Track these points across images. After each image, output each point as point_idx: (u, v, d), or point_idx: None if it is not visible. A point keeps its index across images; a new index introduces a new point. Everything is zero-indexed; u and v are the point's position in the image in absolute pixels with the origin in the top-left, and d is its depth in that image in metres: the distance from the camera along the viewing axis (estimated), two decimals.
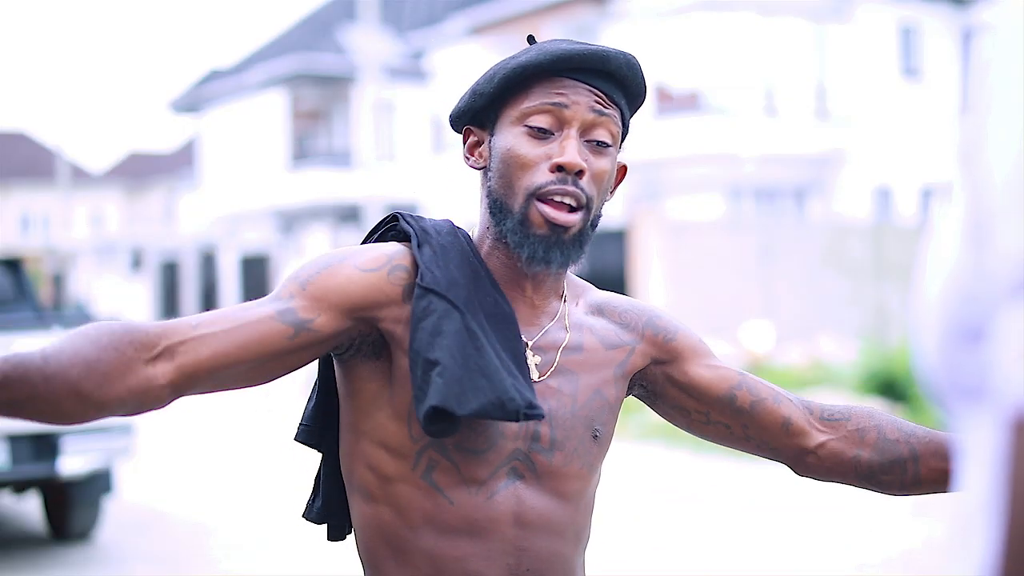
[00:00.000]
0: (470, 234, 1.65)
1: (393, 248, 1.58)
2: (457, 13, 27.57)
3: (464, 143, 1.64)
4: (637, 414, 11.53)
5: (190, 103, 35.00)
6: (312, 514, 1.71)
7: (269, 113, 31.52)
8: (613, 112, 1.59)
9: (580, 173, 1.54)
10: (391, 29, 27.76)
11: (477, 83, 1.61)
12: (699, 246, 18.30)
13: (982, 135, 0.64)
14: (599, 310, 1.70)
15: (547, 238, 1.54)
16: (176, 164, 47.08)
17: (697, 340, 1.74)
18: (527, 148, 1.55)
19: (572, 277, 1.72)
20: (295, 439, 1.70)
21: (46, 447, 6.49)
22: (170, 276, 30.63)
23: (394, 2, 31.06)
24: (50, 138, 50.05)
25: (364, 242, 1.66)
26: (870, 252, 18.60)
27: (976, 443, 0.65)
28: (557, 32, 25.20)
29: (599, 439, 1.63)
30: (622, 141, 1.63)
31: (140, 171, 50.40)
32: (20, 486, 6.89)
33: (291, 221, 31.62)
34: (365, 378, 1.56)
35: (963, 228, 0.65)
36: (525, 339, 1.60)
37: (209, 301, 28.79)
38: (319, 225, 30.38)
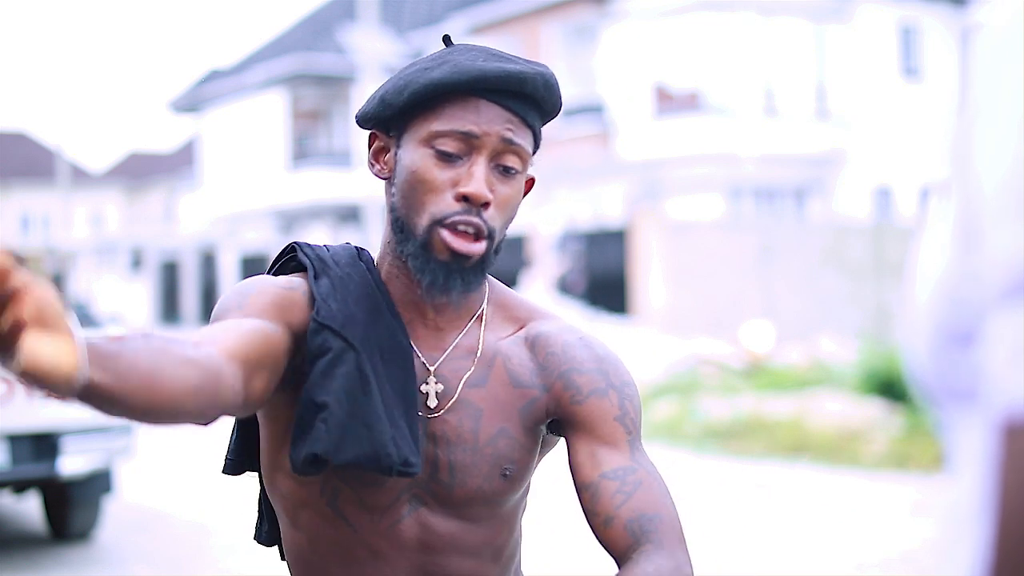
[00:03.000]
0: (373, 257, 1.61)
1: (296, 283, 1.55)
2: (457, 13, 27.57)
3: (369, 147, 1.59)
4: None
5: (190, 103, 35.01)
6: (262, 536, 1.71)
7: (269, 113, 31.53)
8: (526, 134, 1.53)
9: (486, 205, 1.48)
10: (391, 29, 27.76)
11: (386, 90, 1.54)
12: (699, 246, 18.30)
13: (972, 138, 0.64)
14: (531, 343, 1.60)
15: (447, 265, 1.49)
16: (176, 164, 47.09)
17: (605, 416, 1.54)
18: (433, 172, 1.49)
19: (517, 298, 1.66)
20: (223, 472, 1.69)
21: (46, 447, 6.49)
22: (170, 276, 30.64)
23: (394, 2, 31.06)
24: (50, 138, 50.08)
25: (270, 268, 1.64)
26: (870, 252, 18.60)
27: (967, 446, 0.65)
28: (557, 32, 25.21)
29: (510, 477, 1.56)
30: (533, 154, 1.57)
31: (140, 171, 50.40)
32: (20, 486, 6.89)
33: (291, 221, 31.63)
34: (281, 406, 1.53)
35: (954, 231, 0.65)
36: (427, 364, 1.56)
37: (209, 301, 28.80)
38: (319, 225, 30.40)
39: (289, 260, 1.62)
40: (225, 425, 1.61)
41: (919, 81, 24.68)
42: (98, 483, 6.91)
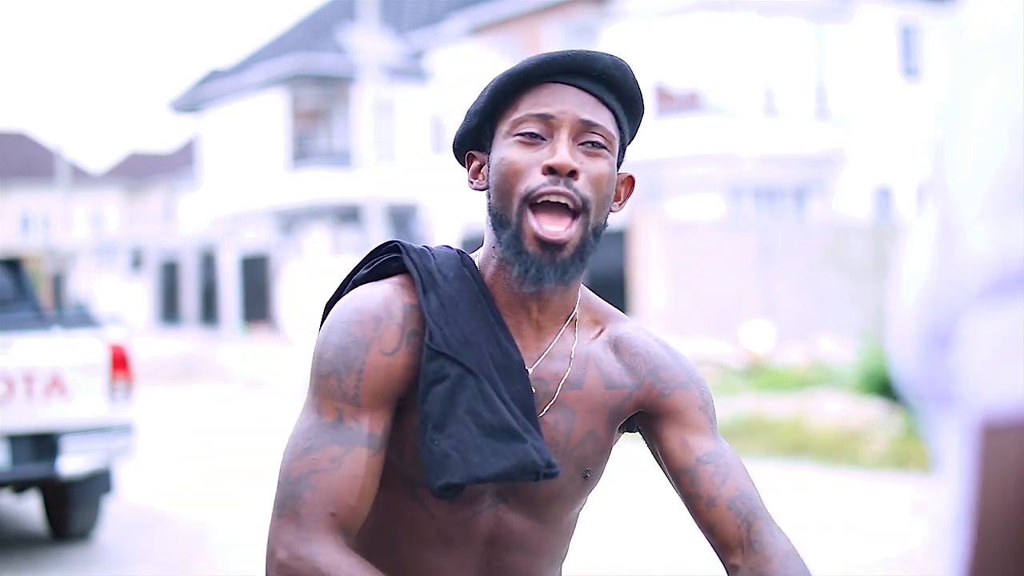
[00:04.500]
0: (475, 260, 1.61)
1: (397, 305, 1.53)
2: (457, 13, 27.57)
3: (468, 169, 1.62)
4: None
5: (190, 103, 35.01)
6: None
7: (269, 113, 31.53)
8: (605, 114, 1.55)
9: (573, 174, 1.50)
10: (391, 29, 27.76)
11: (471, 104, 1.59)
12: (699, 246, 18.30)
13: (952, 139, 0.64)
14: (615, 344, 1.65)
15: (539, 256, 1.50)
16: (176, 164, 47.09)
17: (692, 405, 1.64)
18: (518, 154, 1.52)
19: (596, 300, 1.69)
20: None
21: (46, 447, 6.49)
22: (170, 276, 30.63)
23: (394, 2, 31.06)
24: (50, 138, 50.04)
25: (359, 269, 1.62)
26: (870, 252, 18.60)
27: (950, 448, 0.65)
28: (557, 33, 25.19)
29: (588, 479, 1.62)
30: (623, 148, 1.60)
31: (140, 171, 50.41)
32: (20, 486, 6.89)
33: (291, 221, 31.63)
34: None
35: (936, 232, 0.65)
36: (530, 364, 1.57)
37: (209, 301, 28.80)
38: (319, 225, 30.40)
39: (389, 259, 1.60)
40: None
41: (919, 81, 24.68)
42: (98, 483, 6.91)
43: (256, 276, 27.00)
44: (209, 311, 28.79)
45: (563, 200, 1.50)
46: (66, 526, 7.05)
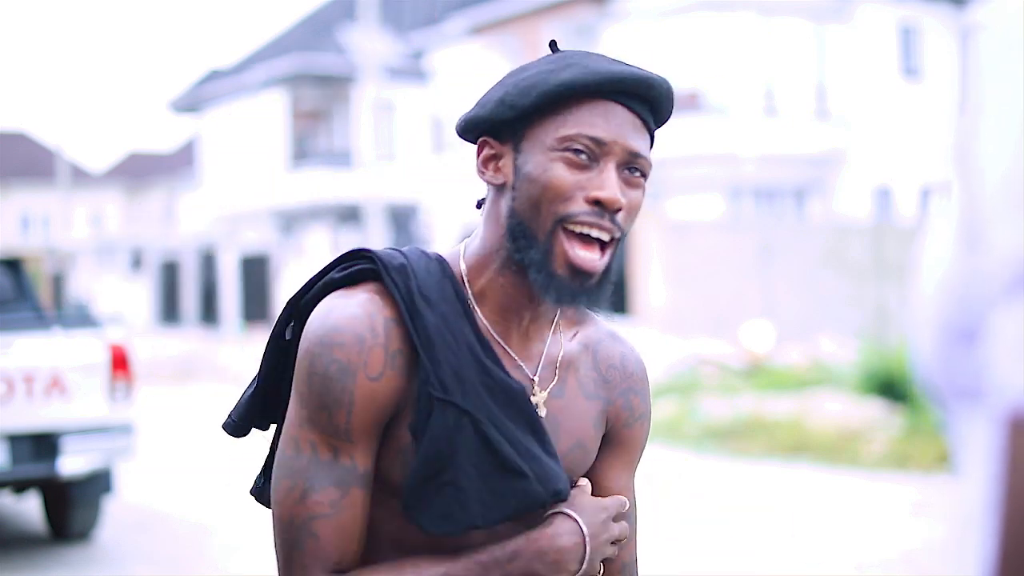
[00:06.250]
0: (459, 257, 1.54)
1: (379, 322, 1.46)
2: (457, 13, 27.57)
3: (478, 154, 1.52)
4: None
5: (190, 103, 35.01)
6: (255, 490, 1.65)
7: (269, 113, 31.53)
8: (647, 142, 1.51)
9: (618, 210, 1.45)
10: (391, 29, 27.77)
11: (507, 92, 1.48)
12: (699, 246, 18.30)
13: (975, 136, 0.64)
14: (593, 351, 1.61)
15: (570, 282, 1.45)
16: (176, 164, 47.10)
17: (640, 443, 1.64)
18: (564, 175, 1.45)
19: None
20: (223, 428, 1.62)
21: (46, 447, 6.49)
22: (170, 276, 30.63)
23: (394, 2, 31.07)
24: (50, 138, 50.03)
25: (325, 272, 1.55)
26: (870, 252, 18.60)
27: (973, 444, 0.65)
28: (557, 33, 25.19)
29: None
30: None
31: (140, 171, 50.41)
32: (20, 486, 6.89)
33: (291, 221, 31.64)
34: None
35: (957, 228, 0.65)
36: (529, 373, 1.53)
37: (209, 301, 28.80)
38: (319, 225, 30.40)
39: (358, 264, 1.53)
40: (221, 423, 1.60)
41: (919, 81, 24.68)
42: (98, 483, 6.91)
43: (256, 276, 27.00)
44: (209, 311, 28.78)
45: (603, 236, 1.45)
46: (66, 526, 7.05)
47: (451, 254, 1.57)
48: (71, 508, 6.97)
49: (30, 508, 8.16)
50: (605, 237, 1.45)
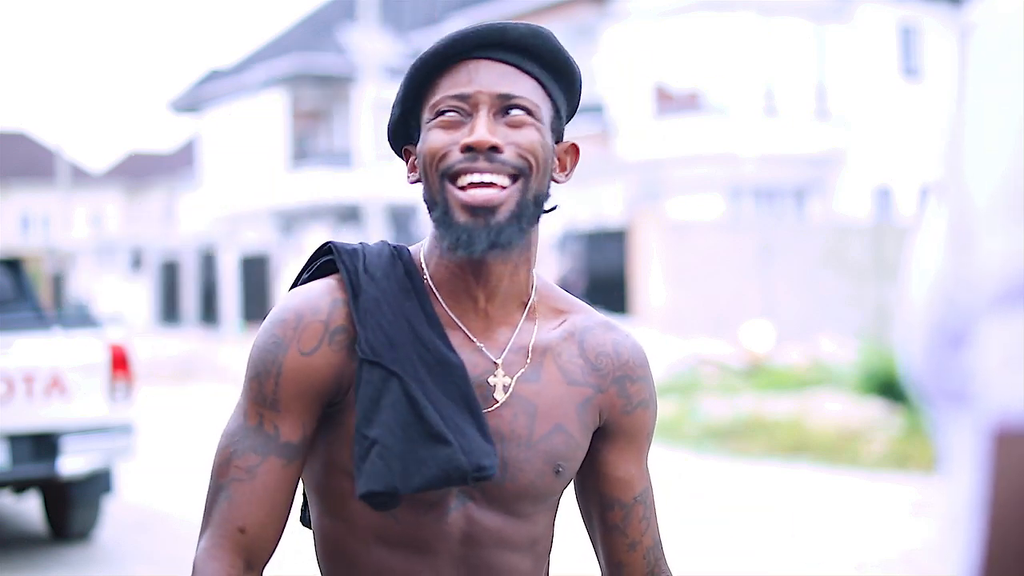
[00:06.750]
0: (418, 254, 1.58)
1: (325, 302, 1.53)
2: (457, 13, 27.57)
3: (406, 163, 1.58)
4: None
5: (190, 103, 35.01)
6: (306, 520, 1.71)
7: (269, 113, 31.53)
8: (527, 83, 1.51)
9: (495, 149, 1.46)
10: (391, 29, 27.76)
11: (394, 97, 1.57)
12: (699, 246, 18.30)
13: (966, 140, 0.63)
14: (578, 338, 1.60)
15: (474, 223, 1.46)
16: (176, 164, 47.09)
17: (645, 429, 1.63)
18: (439, 137, 1.48)
19: (558, 291, 1.64)
20: (301, 523, 1.71)
21: (46, 447, 6.49)
22: (170, 276, 30.62)
23: (394, 2, 31.06)
24: (50, 138, 50.01)
25: (301, 273, 1.62)
26: (870, 252, 18.60)
27: (959, 446, 0.65)
28: (557, 32, 25.13)
29: (562, 473, 1.56)
30: (559, 116, 1.56)
31: (140, 171, 50.40)
32: (20, 486, 6.89)
33: (291, 221, 31.63)
34: (333, 417, 1.55)
35: (947, 232, 0.64)
36: (493, 357, 1.54)
37: (209, 301, 28.79)
38: (319, 225, 30.39)
39: (327, 261, 1.59)
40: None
41: (919, 81, 24.68)
42: (98, 483, 6.91)
43: (256, 276, 26.99)
44: (209, 311, 28.78)
45: (486, 178, 1.46)
46: (66, 526, 7.05)
47: (415, 246, 1.62)
48: (71, 508, 6.97)
49: (30, 508, 8.16)
50: (489, 178, 1.46)
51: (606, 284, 18.73)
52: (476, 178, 1.46)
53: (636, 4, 23.72)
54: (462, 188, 1.47)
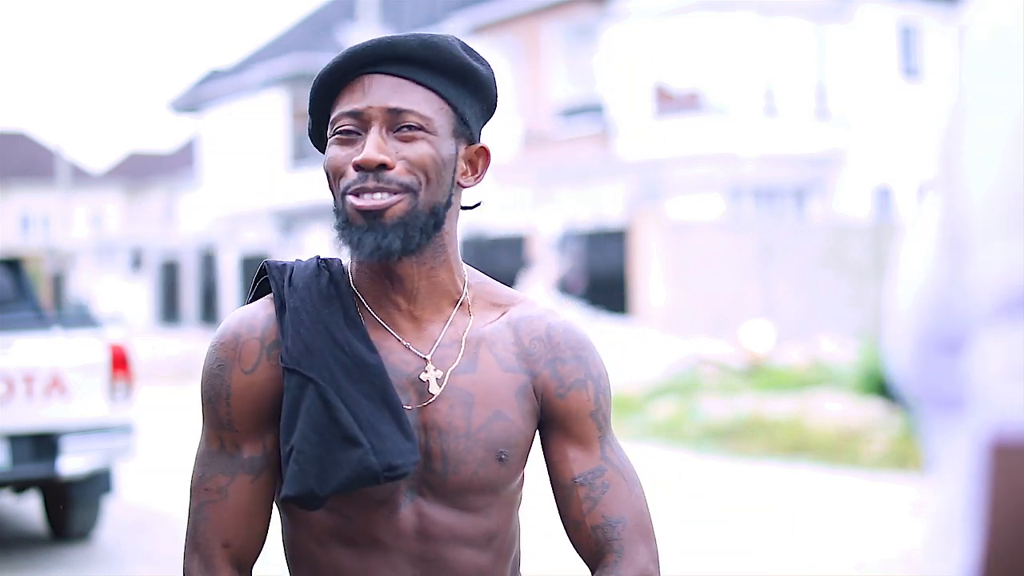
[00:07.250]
0: (346, 266, 1.63)
1: (260, 319, 1.59)
2: (457, 13, 27.57)
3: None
4: (637, 414, 11.53)
5: (190, 103, 35.00)
6: None
7: (269, 113, 31.52)
8: (419, 95, 1.54)
9: (384, 166, 1.51)
10: (391, 29, 27.75)
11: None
12: (699, 246, 18.30)
13: (960, 143, 0.63)
14: (516, 326, 1.62)
15: (362, 227, 1.51)
16: (176, 164, 47.08)
17: (585, 409, 1.61)
18: (336, 154, 1.54)
19: (498, 286, 1.67)
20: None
21: (46, 447, 6.49)
22: (170, 276, 30.62)
23: (394, 2, 31.06)
24: (50, 138, 50.01)
25: (249, 292, 1.68)
26: (870, 252, 18.59)
27: (950, 452, 0.64)
28: (557, 32, 25.20)
29: (506, 461, 1.57)
30: (465, 123, 1.58)
31: (140, 171, 50.39)
32: (20, 486, 6.89)
33: (291, 221, 31.62)
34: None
35: (939, 238, 0.64)
36: (420, 353, 1.58)
37: (209, 301, 28.80)
38: (319, 225, 30.37)
39: (264, 280, 1.66)
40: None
41: (919, 81, 24.68)
42: (98, 483, 6.91)
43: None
44: (209, 311, 28.78)
45: (376, 196, 1.51)
46: (66, 526, 7.05)
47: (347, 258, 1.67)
48: (71, 508, 6.97)
49: (30, 508, 8.16)
50: (378, 197, 1.51)
51: (606, 284, 18.72)
52: (367, 197, 1.51)
53: (636, 4, 23.71)
54: (356, 195, 1.52)
